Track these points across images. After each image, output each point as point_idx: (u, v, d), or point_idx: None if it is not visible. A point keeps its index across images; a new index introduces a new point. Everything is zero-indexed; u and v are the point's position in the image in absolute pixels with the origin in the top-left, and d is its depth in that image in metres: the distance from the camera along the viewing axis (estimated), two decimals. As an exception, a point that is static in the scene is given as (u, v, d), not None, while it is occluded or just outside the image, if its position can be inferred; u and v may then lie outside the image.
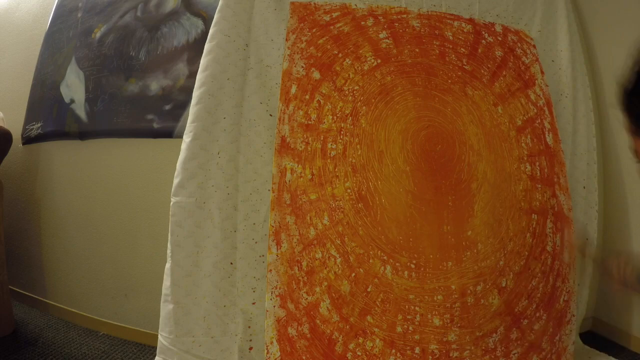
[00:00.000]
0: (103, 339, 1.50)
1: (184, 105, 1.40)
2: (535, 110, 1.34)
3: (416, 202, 1.14)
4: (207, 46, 1.20)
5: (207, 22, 1.44)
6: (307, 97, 1.17)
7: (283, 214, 1.08)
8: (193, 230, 1.12)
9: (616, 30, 1.49)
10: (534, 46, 1.43)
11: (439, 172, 1.19)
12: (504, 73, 1.35)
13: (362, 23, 1.29)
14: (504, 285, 1.15)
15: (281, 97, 1.16)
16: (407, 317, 1.07)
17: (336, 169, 1.13)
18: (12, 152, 1.71)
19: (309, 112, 1.16)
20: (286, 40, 1.22)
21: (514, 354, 1.12)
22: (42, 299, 1.76)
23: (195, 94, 1.17)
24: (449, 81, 1.28)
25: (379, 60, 1.25)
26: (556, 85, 1.43)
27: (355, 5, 1.30)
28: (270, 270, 1.05)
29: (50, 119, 1.75)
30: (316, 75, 1.20)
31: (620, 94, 0.59)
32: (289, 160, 1.12)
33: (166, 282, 1.10)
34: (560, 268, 1.23)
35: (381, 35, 1.28)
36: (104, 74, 1.63)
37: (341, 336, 1.03)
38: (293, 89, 1.17)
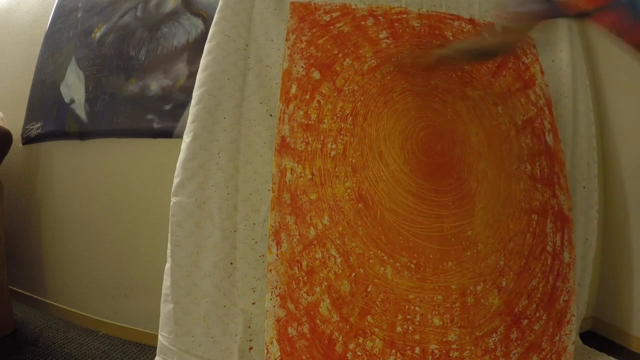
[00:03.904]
0: (103, 339, 1.50)
1: (184, 105, 1.40)
2: (535, 110, 1.34)
3: (416, 202, 1.14)
4: (207, 46, 1.20)
5: (207, 22, 1.44)
6: (307, 97, 1.17)
7: (283, 214, 1.08)
8: (193, 230, 1.12)
9: (616, 30, 1.49)
10: (534, 46, 1.43)
11: (439, 172, 1.19)
12: (503, 73, 1.35)
13: (362, 23, 1.28)
14: (504, 285, 1.15)
15: (281, 97, 1.16)
16: (407, 317, 1.07)
17: (336, 169, 1.13)
18: (12, 152, 1.71)
19: (309, 112, 1.16)
20: (286, 40, 1.22)
21: (514, 354, 1.12)
22: (42, 299, 1.76)
23: (195, 93, 1.17)
24: (449, 81, 1.28)
25: (379, 60, 1.25)
26: (556, 85, 1.43)
27: (355, 5, 1.30)
28: (270, 270, 1.05)
29: (50, 119, 1.75)
30: (316, 75, 1.20)
31: None
32: (289, 160, 1.12)
33: (166, 282, 1.10)
34: (560, 268, 1.23)
35: (381, 35, 1.28)
36: (104, 74, 1.63)
37: (341, 336, 1.03)
38: (293, 89, 1.17)
